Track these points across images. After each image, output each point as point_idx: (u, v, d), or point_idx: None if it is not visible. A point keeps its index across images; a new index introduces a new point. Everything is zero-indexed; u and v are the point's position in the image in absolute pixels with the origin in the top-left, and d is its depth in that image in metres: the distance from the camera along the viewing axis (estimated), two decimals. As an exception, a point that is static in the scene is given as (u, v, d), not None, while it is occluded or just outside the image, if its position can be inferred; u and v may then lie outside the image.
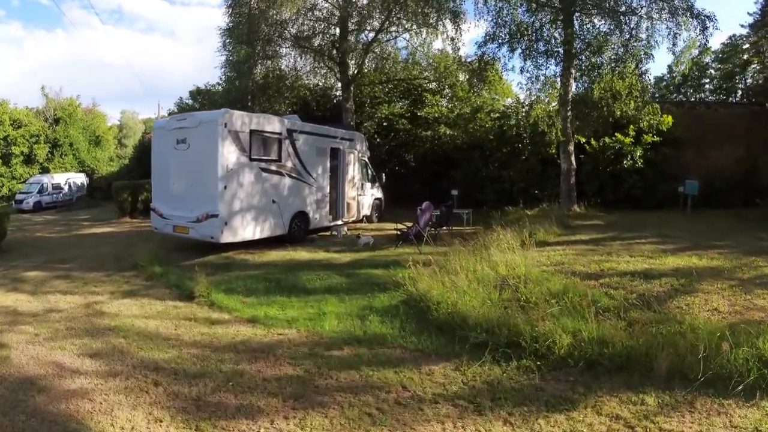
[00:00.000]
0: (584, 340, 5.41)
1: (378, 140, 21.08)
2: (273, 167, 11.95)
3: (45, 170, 34.75)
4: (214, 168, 10.58)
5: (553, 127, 16.22)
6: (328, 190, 13.97)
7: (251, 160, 11.30)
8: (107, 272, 10.38)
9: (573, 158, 16.54)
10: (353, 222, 15.72)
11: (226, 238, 10.72)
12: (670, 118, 17.42)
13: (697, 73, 31.65)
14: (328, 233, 14.50)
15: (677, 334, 5.46)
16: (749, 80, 28.96)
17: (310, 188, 13.21)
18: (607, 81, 15.69)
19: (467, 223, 14.53)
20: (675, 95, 31.82)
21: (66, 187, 32.15)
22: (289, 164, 12.44)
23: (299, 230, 12.89)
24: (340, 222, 14.76)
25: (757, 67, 27.17)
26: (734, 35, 28.98)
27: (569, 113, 16.48)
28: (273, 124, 12.05)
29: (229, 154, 10.75)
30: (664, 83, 33.60)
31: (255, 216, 11.39)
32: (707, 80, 31.96)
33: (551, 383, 4.86)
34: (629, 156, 17.51)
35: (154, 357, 5.73)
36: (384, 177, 17.27)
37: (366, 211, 16.27)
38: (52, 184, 31.17)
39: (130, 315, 7.46)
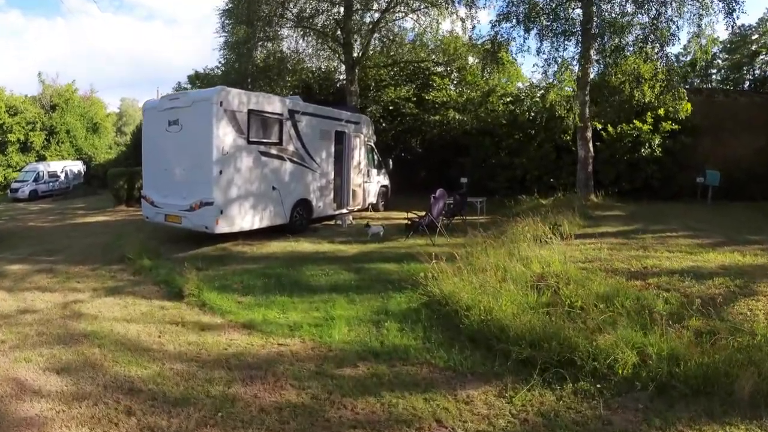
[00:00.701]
0: (651, 357, 4.40)
1: (384, 125, 19.93)
2: (273, 151, 10.86)
3: (41, 158, 33.64)
4: (209, 151, 9.49)
5: (571, 112, 15.10)
6: (332, 176, 12.88)
7: (249, 142, 10.20)
8: (93, 265, 9.36)
9: (591, 145, 15.47)
10: (358, 210, 14.65)
11: (222, 228, 9.67)
12: (688, 106, 16.34)
13: (704, 63, 30.37)
14: (332, 222, 13.44)
15: (754, 348, 4.48)
16: (757, 71, 27.81)
17: (313, 174, 12.12)
18: (629, 63, 14.59)
19: (481, 213, 13.46)
20: (682, 84, 30.55)
21: (62, 175, 31.16)
22: (290, 148, 11.34)
23: (301, 219, 11.83)
24: (345, 210, 13.69)
25: (766, 58, 26.09)
26: (743, 25, 27.75)
27: (587, 97, 15.38)
28: (273, 104, 10.93)
29: (225, 136, 9.66)
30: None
31: (253, 204, 10.32)
32: (714, 71, 30.75)
33: (619, 413, 3.88)
34: (647, 144, 16.53)
35: (131, 374, 4.71)
36: (391, 163, 16.17)
37: (372, 198, 15.19)
38: (49, 172, 30.19)
39: (111, 317, 6.44)
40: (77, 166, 33.28)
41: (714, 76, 30.71)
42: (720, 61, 30.26)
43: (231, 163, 9.80)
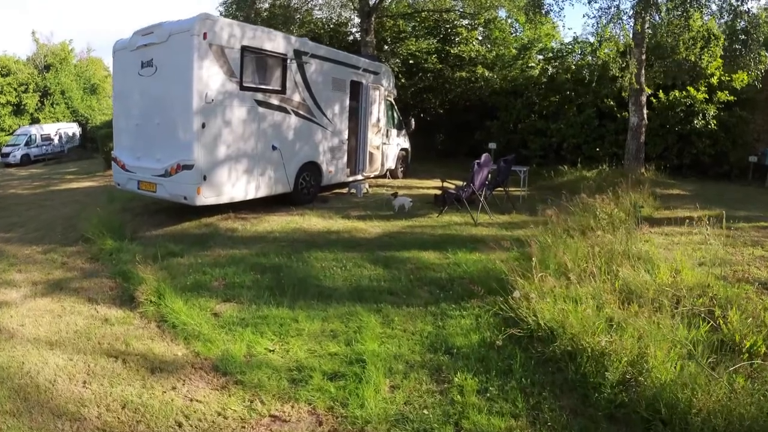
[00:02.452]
0: None
1: (402, 80, 17.13)
2: (274, 101, 8.32)
3: (35, 121, 30.92)
4: (188, 98, 6.99)
5: (627, 71, 12.40)
6: (346, 135, 10.34)
7: (243, 88, 7.68)
8: (49, 245, 7.10)
9: (645, 111, 12.87)
10: (375, 177, 12.16)
11: (205, 198, 7.25)
12: (745, 75, 13.68)
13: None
14: (344, 191, 11.00)
15: None
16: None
17: (323, 132, 9.60)
18: (696, 18, 11.85)
19: (523, 184, 10.99)
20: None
21: (56, 139, 28.63)
22: (296, 98, 8.79)
23: (309, 187, 9.39)
24: (360, 177, 11.22)
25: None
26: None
27: (644, 56, 12.67)
28: (275, 41, 8.32)
29: (210, 78, 7.14)
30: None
31: (248, 167, 7.86)
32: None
33: None
34: (701, 115, 13.89)
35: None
36: (413, 123, 13.56)
37: (390, 163, 12.64)
38: (42, 136, 27.65)
39: (32, 337, 4.21)
40: (72, 129, 30.65)
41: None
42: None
43: (218, 115, 7.30)
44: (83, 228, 7.50)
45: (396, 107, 12.97)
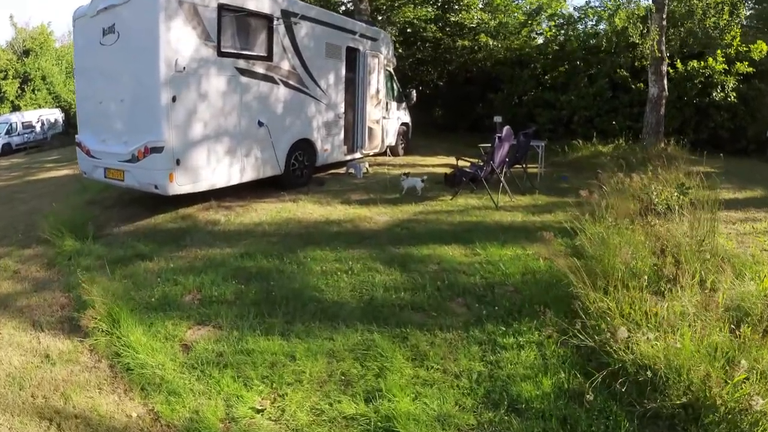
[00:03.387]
0: None
1: (400, 51, 15.75)
2: (259, 69, 7.06)
3: (16, 108, 28.94)
4: (154, 66, 5.71)
5: (648, 38, 11.19)
6: (342, 108, 9.09)
7: (222, 54, 6.40)
8: (6, 248, 5.87)
9: (666, 82, 11.71)
10: (375, 155, 10.96)
11: (180, 186, 6.04)
12: (764, 46, 12.73)
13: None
14: (342, 171, 9.82)
15: None
16: None
17: (317, 105, 8.35)
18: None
19: (541, 161, 9.85)
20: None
21: (38, 126, 26.80)
22: (284, 66, 7.53)
23: (302, 168, 8.19)
24: (358, 155, 10.02)
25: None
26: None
27: (665, 22, 11.47)
28: (259, -1, 7.04)
29: (181, 42, 5.87)
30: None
31: (229, 148, 6.64)
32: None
33: None
34: (720, 87, 12.78)
35: None
36: (414, 95, 12.27)
37: (391, 139, 11.39)
38: (23, 123, 25.81)
39: None
40: (54, 115, 28.72)
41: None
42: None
43: (191, 86, 6.04)
44: (46, 224, 6.29)
45: (395, 78, 11.69)
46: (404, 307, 3.69)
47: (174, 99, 5.82)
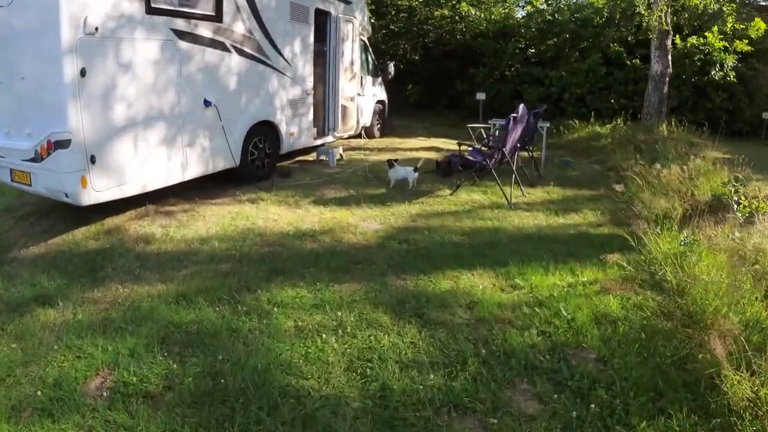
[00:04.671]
0: None
1: (373, 21, 14.16)
2: (204, 31, 5.44)
3: None
4: (53, 28, 4.06)
5: (655, 9, 10.04)
6: (311, 83, 7.53)
7: (151, 11, 4.77)
8: None
9: (670, 58, 10.68)
10: (349, 138, 9.47)
11: (98, 192, 4.46)
12: (762, 24, 12.24)
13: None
14: (311, 158, 8.35)
15: None
16: None
17: (280, 79, 6.79)
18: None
19: (543, 144, 8.66)
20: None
21: None
22: (238, 28, 5.92)
23: (263, 158, 6.68)
24: (330, 138, 8.53)
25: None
26: None
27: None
28: (203, -59, 5.37)
29: (93, -7, 4.24)
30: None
31: (166, 136, 5.07)
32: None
33: None
34: (719, 65, 11.98)
35: None
36: (392, 69, 10.78)
37: (366, 119, 9.91)
38: None
39: None
40: None
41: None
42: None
43: (108, 54, 4.42)
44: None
45: (370, 49, 10.15)
46: (441, 407, 2.34)
47: (83, 72, 4.20)
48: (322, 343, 2.82)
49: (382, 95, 10.85)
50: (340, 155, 8.30)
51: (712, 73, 12.01)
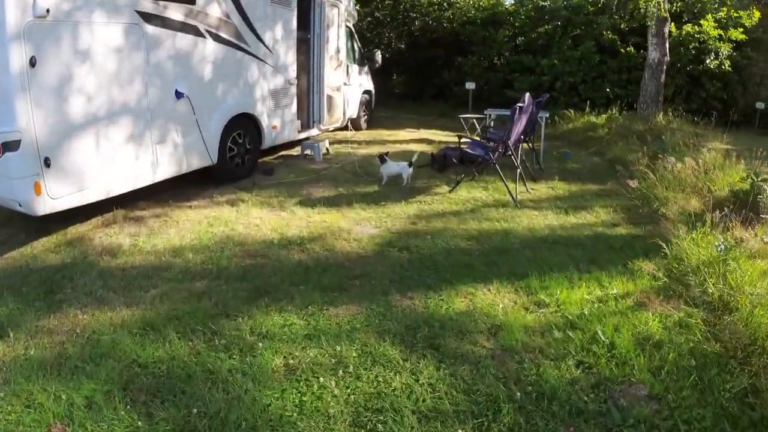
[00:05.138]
0: None
1: (358, 8, 13.61)
2: (175, 14, 4.87)
3: None
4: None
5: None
6: (294, 72, 6.99)
7: (115, -10, 4.22)
8: None
9: (667, 46, 10.36)
10: (335, 130, 8.95)
11: (54, 200, 3.90)
12: (757, 14, 12.05)
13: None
14: (295, 153, 7.83)
15: None
16: None
17: (261, 67, 6.23)
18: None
19: (542, 135, 8.28)
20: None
21: None
22: (214, 11, 5.35)
23: (243, 155, 6.15)
24: (316, 132, 8.01)
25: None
26: None
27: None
28: None
29: (42, -36, 3.65)
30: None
31: (131, 133, 4.51)
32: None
33: None
34: (714, 54, 11.76)
35: None
36: (379, 57, 10.26)
37: (352, 110, 9.39)
38: None
39: None
40: None
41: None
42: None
43: (63, 39, 3.84)
44: None
45: (356, 37, 9.61)
46: None
47: (33, 62, 3.62)
48: (319, 388, 2.34)
49: (369, 85, 10.35)
50: (327, 149, 7.80)
51: (707, 61, 11.79)
